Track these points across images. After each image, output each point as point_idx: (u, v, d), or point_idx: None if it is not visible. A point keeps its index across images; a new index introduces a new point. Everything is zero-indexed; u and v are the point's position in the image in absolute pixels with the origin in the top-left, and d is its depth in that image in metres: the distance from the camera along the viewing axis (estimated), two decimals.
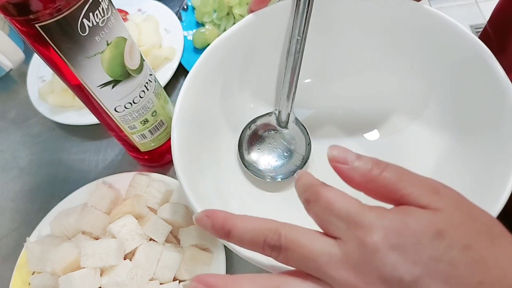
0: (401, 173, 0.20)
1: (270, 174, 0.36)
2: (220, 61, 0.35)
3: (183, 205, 0.38)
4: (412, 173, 0.20)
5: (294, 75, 0.34)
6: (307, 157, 0.37)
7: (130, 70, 0.32)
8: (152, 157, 0.42)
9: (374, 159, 0.21)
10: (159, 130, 0.39)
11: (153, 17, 0.53)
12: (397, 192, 0.19)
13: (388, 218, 0.18)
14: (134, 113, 0.35)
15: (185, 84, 0.32)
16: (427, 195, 0.19)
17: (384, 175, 0.20)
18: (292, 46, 0.33)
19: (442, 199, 0.19)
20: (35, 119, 0.51)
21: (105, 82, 0.31)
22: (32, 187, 0.46)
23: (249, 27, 0.34)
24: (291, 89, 0.35)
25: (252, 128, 0.38)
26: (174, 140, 0.30)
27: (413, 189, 0.19)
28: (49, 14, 0.25)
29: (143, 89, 0.34)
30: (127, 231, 0.35)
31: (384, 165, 0.20)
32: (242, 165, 0.37)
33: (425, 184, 0.20)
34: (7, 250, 0.42)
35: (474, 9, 1.36)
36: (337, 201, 0.20)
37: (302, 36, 0.33)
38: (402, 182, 0.19)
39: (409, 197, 0.19)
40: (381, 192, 0.20)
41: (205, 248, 0.36)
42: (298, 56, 0.33)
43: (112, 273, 0.33)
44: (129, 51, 0.31)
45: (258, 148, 0.37)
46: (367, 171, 0.20)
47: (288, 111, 0.36)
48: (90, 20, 0.27)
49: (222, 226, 0.22)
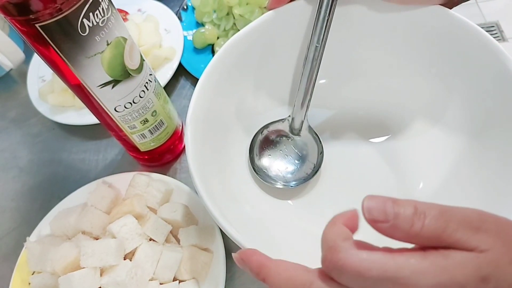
0: (444, 220, 0.18)
1: (280, 180, 0.36)
2: (236, 60, 0.34)
3: (183, 205, 0.38)
4: (455, 212, 0.19)
5: (310, 82, 0.33)
6: (319, 166, 0.36)
7: (130, 70, 0.32)
8: (152, 157, 0.42)
9: (413, 206, 0.19)
10: (159, 130, 0.39)
11: (153, 17, 0.53)
12: (443, 241, 0.18)
13: (431, 274, 0.17)
14: (134, 113, 0.35)
15: (199, 83, 0.32)
16: (474, 236, 0.18)
17: (426, 228, 0.18)
18: (310, 53, 0.32)
19: (490, 236, 0.18)
20: (35, 119, 0.51)
21: (105, 82, 0.31)
22: (32, 187, 0.46)
23: (266, 26, 0.34)
24: (306, 97, 0.34)
25: (264, 133, 0.37)
26: (188, 139, 0.29)
27: (459, 235, 0.18)
28: (49, 14, 0.25)
29: (143, 89, 0.34)
30: (127, 231, 0.35)
31: (423, 214, 0.18)
32: (252, 170, 0.36)
33: (471, 223, 0.18)
34: (7, 250, 0.42)
35: (474, 9, 1.36)
36: (365, 266, 0.18)
37: (321, 44, 0.32)
38: (446, 231, 0.18)
39: (456, 244, 0.18)
40: (425, 243, 0.19)
41: (205, 248, 0.36)
42: (315, 63, 0.32)
43: (112, 273, 0.33)
44: (129, 51, 0.31)
45: (269, 154, 0.37)
46: (408, 228, 0.18)
47: (301, 118, 0.36)
48: (90, 20, 0.27)
49: (257, 273, 0.22)
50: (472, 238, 0.18)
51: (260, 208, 0.35)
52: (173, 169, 0.44)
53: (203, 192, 0.27)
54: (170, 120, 0.40)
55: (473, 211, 0.19)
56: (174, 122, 0.41)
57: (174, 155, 0.44)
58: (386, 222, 0.19)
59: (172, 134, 0.41)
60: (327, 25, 0.31)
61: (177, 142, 0.43)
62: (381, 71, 0.37)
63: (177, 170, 0.44)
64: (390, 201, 0.19)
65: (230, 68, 0.34)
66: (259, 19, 0.34)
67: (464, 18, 0.31)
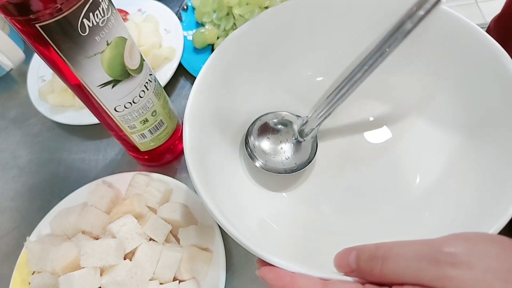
0: (402, 261, 0.19)
1: (274, 166, 0.36)
2: (233, 58, 0.34)
3: (183, 205, 0.38)
4: (410, 249, 0.19)
5: (340, 100, 0.33)
6: (314, 155, 0.37)
7: (130, 70, 0.32)
8: (151, 157, 0.42)
9: (370, 253, 0.21)
10: (159, 129, 0.39)
11: (153, 17, 0.53)
12: (411, 281, 0.19)
13: None
14: (134, 112, 0.35)
15: (196, 81, 0.32)
16: (436, 274, 0.18)
17: (385, 272, 0.20)
18: (356, 72, 0.31)
19: (454, 266, 0.18)
20: (35, 118, 0.51)
21: (105, 82, 0.31)
22: (32, 187, 0.46)
23: (263, 24, 0.34)
24: (328, 110, 0.34)
25: (263, 119, 0.38)
26: (186, 136, 0.30)
27: (423, 274, 0.18)
28: (49, 14, 0.25)
29: (143, 89, 0.34)
30: (127, 230, 0.35)
31: (380, 258, 0.20)
32: (246, 153, 0.37)
33: (427, 258, 0.19)
34: (7, 250, 0.42)
35: (474, 9, 1.36)
36: None
37: (370, 68, 0.31)
38: (405, 272, 0.19)
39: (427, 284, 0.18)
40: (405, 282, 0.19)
41: (205, 248, 0.36)
42: (356, 85, 0.31)
43: (112, 272, 0.33)
44: (129, 51, 0.31)
45: (267, 137, 0.37)
46: (369, 273, 0.20)
47: (313, 126, 0.36)
48: (90, 20, 0.27)
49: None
50: (437, 279, 0.18)
51: (257, 203, 0.35)
52: (173, 169, 0.44)
53: (201, 188, 0.27)
54: (170, 120, 0.40)
55: (431, 245, 0.19)
56: (174, 122, 0.41)
57: (174, 155, 0.44)
58: (352, 271, 0.21)
59: (172, 134, 0.41)
60: (382, 54, 0.30)
61: (177, 142, 0.43)
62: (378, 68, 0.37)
63: (177, 170, 0.44)
64: (354, 251, 0.22)
65: (227, 66, 0.34)
66: (257, 18, 0.34)
67: (464, 18, 0.31)
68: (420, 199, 0.33)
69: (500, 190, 0.27)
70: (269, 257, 0.23)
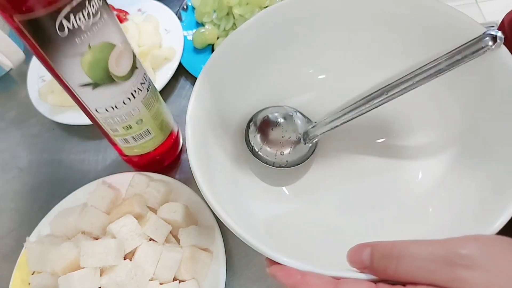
0: (417, 261, 0.19)
1: (273, 159, 0.36)
2: (234, 58, 0.34)
3: (183, 205, 0.38)
4: (425, 249, 0.19)
5: (354, 117, 0.33)
6: (313, 148, 0.37)
7: (115, 76, 0.31)
8: (139, 162, 0.42)
9: (385, 252, 0.21)
10: (143, 138, 0.38)
11: (153, 17, 0.53)
12: (432, 281, 0.19)
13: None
14: (116, 117, 0.34)
15: (198, 81, 0.32)
16: (451, 276, 0.18)
17: (400, 271, 0.20)
18: (378, 94, 0.31)
19: (468, 269, 0.18)
20: (35, 119, 0.51)
21: (86, 83, 0.30)
22: (31, 187, 0.46)
23: (264, 23, 0.34)
24: (337, 122, 0.34)
25: (265, 113, 0.38)
26: (189, 137, 0.30)
27: (438, 275, 0.19)
28: (28, 9, 0.24)
29: (129, 96, 0.33)
30: (127, 231, 0.35)
31: (395, 257, 0.20)
32: (246, 147, 0.37)
33: (442, 258, 0.19)
34: (7, 250, 0.42)
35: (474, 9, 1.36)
36: None
37: (394, 95, 0.31)
38: (420, 272, 0.19)
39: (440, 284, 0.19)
40: (416, 281, 0.20)
41: (205, 248, 0.36)
42: (374, 105, 0.32)
43: (112, 273, 0.33)
44: (116, 57, 0.30)
45: (272, 128, 0.37)
46: (383, 271, 0.20)
47: (318, 133, 0.36)
48: (70, 22, 0.26)
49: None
50: (450, 278, 0.18)
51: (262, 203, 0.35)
52: (173, 169, 0.44)
53: (205, 187, 0.27)
54: (159, 131, 0.38)
55: (445, 246, 0.19)
56: (164, 134, 0.40)
57: (161, 166, 0.43)
58: (365, 268, 0.21)
59: (160, 145, 0.40)
60: (409, 87, 0.30)
61: (168, 151, 0.42)
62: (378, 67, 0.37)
63: (177, 170, 0.44)
64: (368, 248, 0.22)
65: (228, 66, 0.34)
66: (257, 16, 0.34)
67: (465, 14, 0.31)
68: (423, 195, 0.33)
69: (505, 184, 0.26)
70: (279, 257, 0.23)
